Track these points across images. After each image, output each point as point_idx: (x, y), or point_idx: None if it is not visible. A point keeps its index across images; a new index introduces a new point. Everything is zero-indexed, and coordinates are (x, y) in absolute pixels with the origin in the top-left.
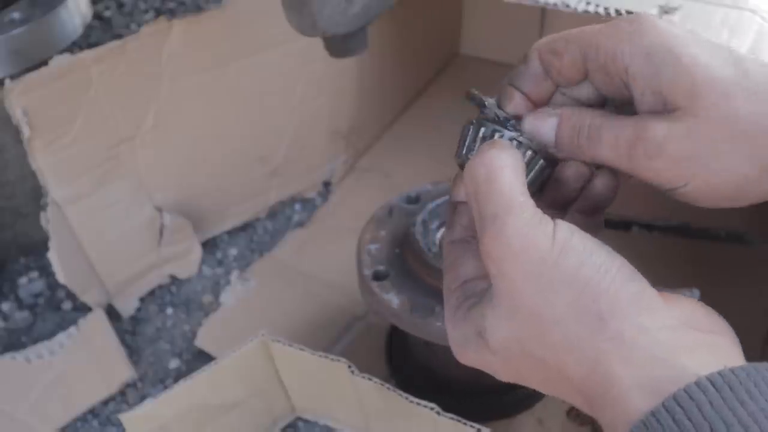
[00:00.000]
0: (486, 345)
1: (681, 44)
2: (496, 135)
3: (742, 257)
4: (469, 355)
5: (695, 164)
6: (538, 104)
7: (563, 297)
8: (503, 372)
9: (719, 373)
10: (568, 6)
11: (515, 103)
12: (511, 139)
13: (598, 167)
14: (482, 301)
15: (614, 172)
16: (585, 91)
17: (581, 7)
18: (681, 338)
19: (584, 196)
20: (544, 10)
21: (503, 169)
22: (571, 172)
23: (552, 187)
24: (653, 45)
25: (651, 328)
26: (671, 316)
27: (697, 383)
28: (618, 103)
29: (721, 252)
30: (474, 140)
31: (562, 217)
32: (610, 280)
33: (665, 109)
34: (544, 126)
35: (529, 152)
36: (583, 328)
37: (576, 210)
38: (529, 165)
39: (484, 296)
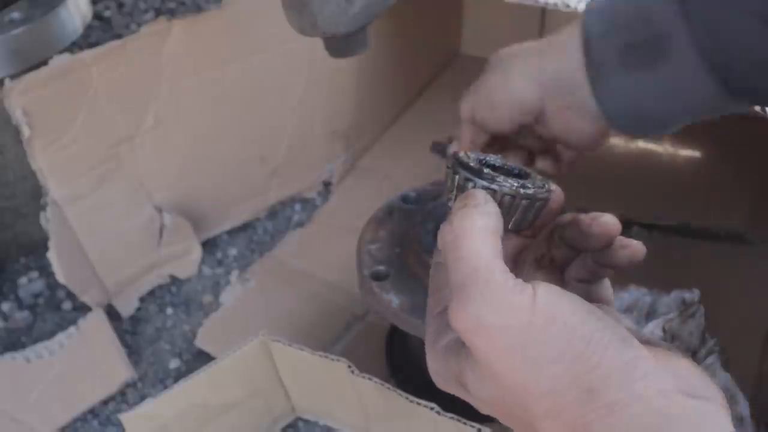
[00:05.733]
0: (468, 394)
1: None
2: (469, 185)
3: (742, 257)
4: (449, 389)
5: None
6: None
7: (551, 371)
8: (484, 411)
9: None
10: (568, 6)
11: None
12: (484, 188)
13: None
14: (460, 353)
15: (640, 247)
16: None
17: (581, 7)
18: (673, 405)
19: (608, 256)
20: (544, 10)
21: (470, 233)
22: (599, 230)
23: (573, 237)
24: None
25: (645, 395)
26: (665, 380)
27: None
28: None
29: (721, 252)
30: (452, 189)
31: (572, 259)
32: (602, 352)
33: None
34: None
35: (507, 197)
36: (572, 400)
37: (591, 257)
38: (510, 209)
39: (461, 347)
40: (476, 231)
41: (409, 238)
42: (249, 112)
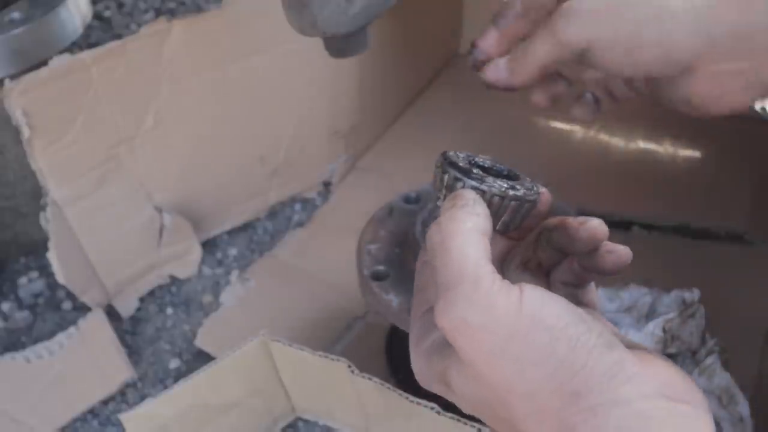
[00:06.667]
0: (452, 392)
1: None
2: (458, 185)
3: (742, 257)
4: (433, 389)
5: (599, 17)
6: (511, 44)
7: (535, 373)
8: (467, 410)
9: None
10: None
11: (489, 42)
12: (473, 188)
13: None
14: (444, 353)
15: (626, 252)
16: None
17: None
18: (655, 409)
19: (594, 261)
20: None
21: (458, 234)
22: (585, 235)
23: (560, 240)
24: None
25: (628, 398)
26: (648, 384)
27: None
28: None
29: (721, 252)
30: (440, 188)
31: (559, 263)
32: (587, 355)
33: None
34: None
35: (496, 198)
36: (556, 402)
37: (577, 262)
38: (498, 210)
39: (446, 346)
40: (464, 232)
41: (409, 238)
42: (249, 112)
